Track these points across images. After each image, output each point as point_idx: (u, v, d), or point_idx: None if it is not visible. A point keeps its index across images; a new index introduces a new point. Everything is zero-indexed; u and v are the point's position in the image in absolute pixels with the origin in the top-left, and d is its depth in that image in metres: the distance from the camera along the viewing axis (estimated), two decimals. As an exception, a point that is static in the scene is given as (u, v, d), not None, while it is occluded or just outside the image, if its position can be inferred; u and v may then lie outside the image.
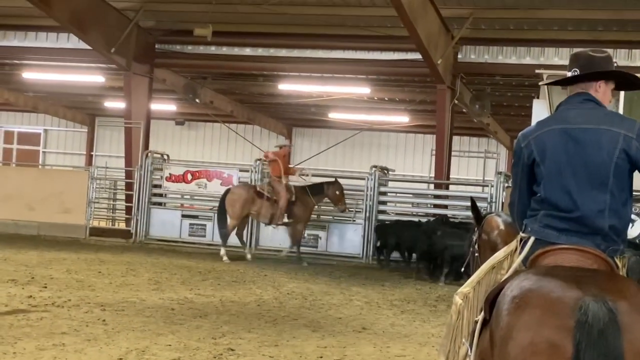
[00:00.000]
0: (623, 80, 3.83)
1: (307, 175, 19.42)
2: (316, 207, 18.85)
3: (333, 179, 18.94)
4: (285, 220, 18.09)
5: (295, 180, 19.10)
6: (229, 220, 18.13)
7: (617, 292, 3.13)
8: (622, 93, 15.40)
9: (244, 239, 18.73)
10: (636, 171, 3.62)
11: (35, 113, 35.19)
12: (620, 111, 14.92)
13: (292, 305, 12.04)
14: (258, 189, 18.26)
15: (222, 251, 17.72)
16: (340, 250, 19.39)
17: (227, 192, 18.42)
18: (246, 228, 19.16)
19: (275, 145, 19.21)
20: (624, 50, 19.09)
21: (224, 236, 18.08)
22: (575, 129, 3.62)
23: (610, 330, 2.95)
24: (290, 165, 19.03)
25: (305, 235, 18.93)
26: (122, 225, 22.83)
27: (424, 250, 16.38)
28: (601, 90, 3.75)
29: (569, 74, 3.73)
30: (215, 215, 18.72)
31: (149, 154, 21.47)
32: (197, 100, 25.26)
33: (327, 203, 19.05)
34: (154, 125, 25.01)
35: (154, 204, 21.35)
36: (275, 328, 10.10)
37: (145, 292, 12.29)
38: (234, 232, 18.30)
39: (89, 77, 25.82)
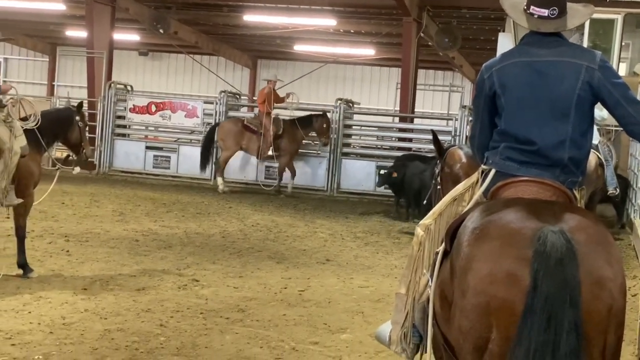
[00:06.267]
0: None
1: (294, 97, 19.28)
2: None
3: (321, 112, 18.99)
4: (271, 153, 18.21)
5: (291, 105, 19.14)
6: (223, 153, 18.49)
7: (575, 223, 3.18)
8: (587, 26, 15.44)
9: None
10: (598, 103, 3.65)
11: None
12: (585, 44, 14.98)
13: (257, 237, 12.11)
14: (246, 122, 18.34)
15: (219, 181, 18.23)
16: (304, 183, 19.46)
17: (215, 126, 18.60)
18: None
19: (262, 79, 19.21)
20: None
21: (218, 169, 18.51)
22: (538, 61, 3.62)
23: (568, 260, 2.99)
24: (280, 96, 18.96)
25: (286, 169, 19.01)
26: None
27: None
28: None
29: (545, 11, 3.65)
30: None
31: (112, 84, 21.19)
32: (162, 31, 24.85)
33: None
34: (117, 56, 24.60)
35: (118, 135, 21.17)
36: (239, 260, 10.17)
37: (109, 224, 12.28)
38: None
39: (49, 4, 25.23)
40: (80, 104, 9.49)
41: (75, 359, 5.74)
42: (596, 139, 11.77)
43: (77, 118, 9.06)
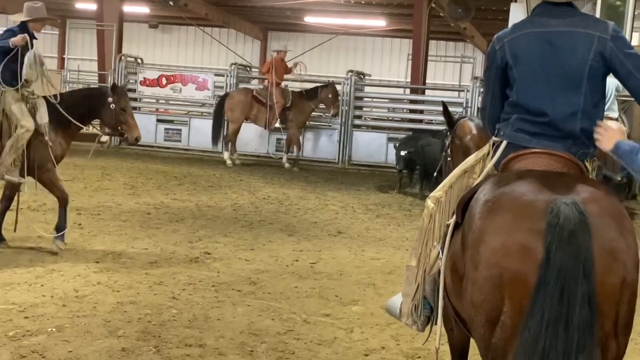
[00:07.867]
0: None
1: (302, 67, 19.14)
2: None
3: (328, 82, 18.91)
4: (278, 125, 18.18)
5: (297, 77, 19.05)
6: (230, 125, 18.37)
7: (588, 195, 3.16)
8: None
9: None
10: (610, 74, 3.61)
11: (5, 14, 34.28)
12: (597, 14, 14.84)
13: (268, 210, 12.12)
14: (255, 93, 18.31)
15: (226, 156, 18.19)
16: (315, 156, 19.45)
17: (225, 96, 18.53)
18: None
19: (271, 50, 19.04)
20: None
21: (226, 141, 18.45)
22: (550, 32, 3.59)
23: (581, 232, 2.98)
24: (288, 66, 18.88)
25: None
26: (97, 130, 22.57)
27: None
28: None
29: None
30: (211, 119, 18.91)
31: (123, 57, 21.16)
32: (171, 3, 24.74)
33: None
34: (126, 28, 24.54)
35: (128, 108, 21.12)
36: (251, 232, 10.19)
37: (121, 197, 12.32)
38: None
39: (59, -22, 25.16)
40: (114, 85, 9.15)
41: (88, 332, 5.77)
42: (614, 112, 11.60)
43: (110, 100, 8.63)
